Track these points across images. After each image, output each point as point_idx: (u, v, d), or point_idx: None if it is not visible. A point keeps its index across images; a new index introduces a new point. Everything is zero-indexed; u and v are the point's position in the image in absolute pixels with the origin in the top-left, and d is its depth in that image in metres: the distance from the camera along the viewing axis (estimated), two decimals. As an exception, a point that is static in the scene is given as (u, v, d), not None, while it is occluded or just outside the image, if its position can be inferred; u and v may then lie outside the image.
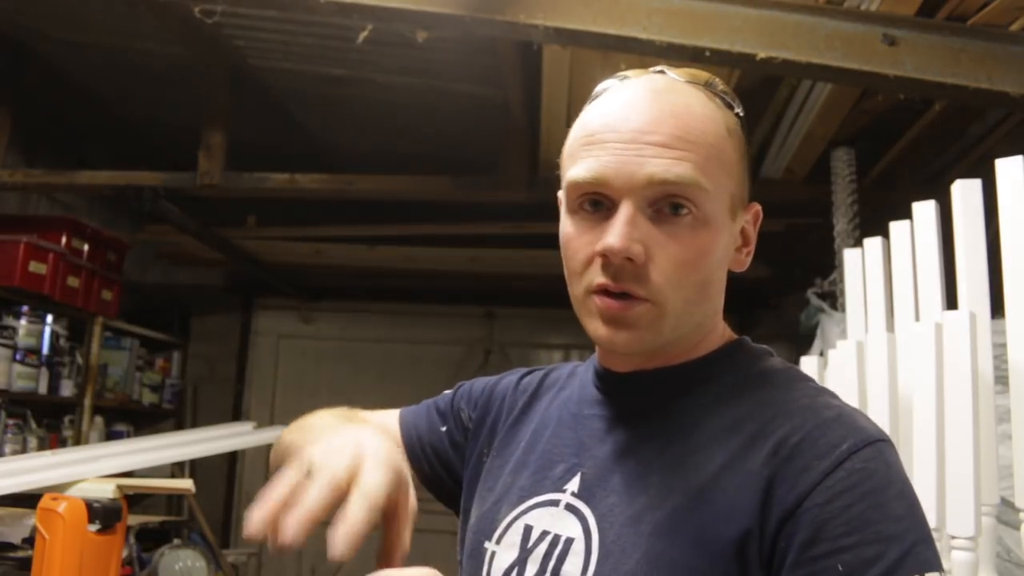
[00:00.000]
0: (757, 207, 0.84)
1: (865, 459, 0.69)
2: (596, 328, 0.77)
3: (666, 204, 0.74)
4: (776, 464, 0.70)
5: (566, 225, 0.79)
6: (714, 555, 0.69)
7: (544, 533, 0.78)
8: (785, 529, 0.67)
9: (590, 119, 0.78)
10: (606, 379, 0.85)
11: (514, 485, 0.85)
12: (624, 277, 0.74)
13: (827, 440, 0.70)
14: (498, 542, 0.82)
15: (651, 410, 0.80)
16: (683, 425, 0.77)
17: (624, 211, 0.73)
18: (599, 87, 0.83)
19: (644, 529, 0.72)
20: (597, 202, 0.75)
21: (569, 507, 0.78)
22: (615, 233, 0.72)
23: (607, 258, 0.74)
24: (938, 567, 0.66)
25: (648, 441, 0.78)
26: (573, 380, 0.92)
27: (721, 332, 0.84)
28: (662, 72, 0.81)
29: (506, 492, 0.85)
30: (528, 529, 0.80)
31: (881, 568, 0.64)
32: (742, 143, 0.80)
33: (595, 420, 0.83)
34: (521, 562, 0.79)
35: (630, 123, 0.74)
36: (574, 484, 0.80)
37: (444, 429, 0.98)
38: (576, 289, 0.78)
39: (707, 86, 0.80)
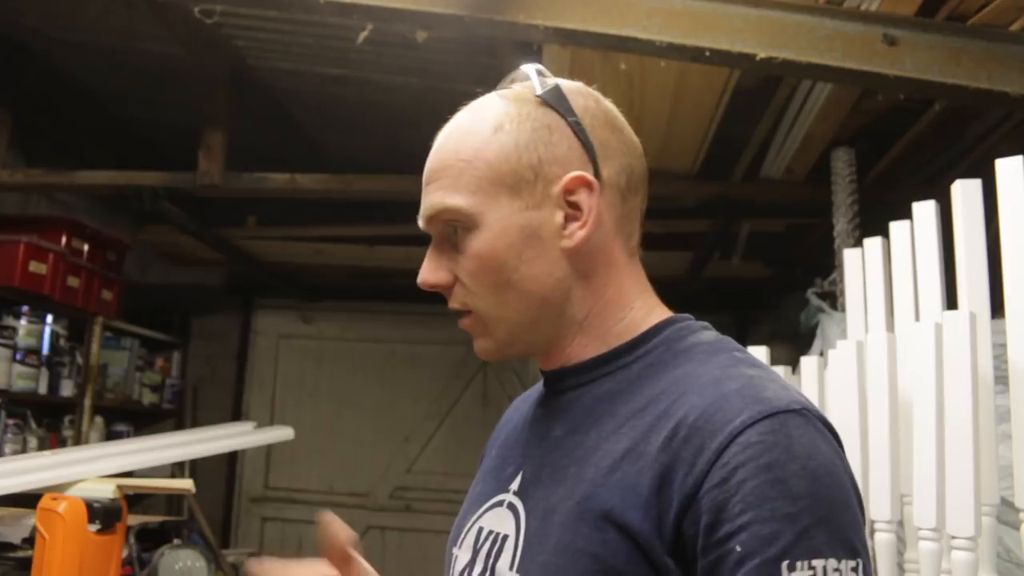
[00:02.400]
0: (572, 175, 0.78)
1: (762, 432, 0.66)
2: None
3: (446, 229, 0.80)
4: (674, 447, 0.69)
5: None
6: (614, 541, 0.69)
7: (489, 532, 0.81)
8: (689, 516, 0.66)
9: None
10: (544, 378, 0.87)
11: (477, 493, 0.88)
12: (449, 298, 0.82)
13: (722, 415, 0.68)
14: (459, 546, 0.85)
15: (576, 402, 0.81)
16: (602, 413, 0.77)
17: (429, 248, 0.83)
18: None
19: (556, 519, 0.73)
20: None
21: (509, 505, 0.81)
22: (421, 269, 0.82)
23: None
24: (830, 554, 0.63)
25: (573, 433, 0.79)
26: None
27: (645, 315, 0.82)
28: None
29: (472, 500, 0.89)
30: (480, 531, 0.83)
31: (775, 550, 0.63)
32: (529, 124, 0.80)
33: (539, 420, 0.86)
34: (471, 563, 0.81)
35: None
36: (516, 483, 0.82)
37: None
38: None
39: (512, 80, 0.86)
